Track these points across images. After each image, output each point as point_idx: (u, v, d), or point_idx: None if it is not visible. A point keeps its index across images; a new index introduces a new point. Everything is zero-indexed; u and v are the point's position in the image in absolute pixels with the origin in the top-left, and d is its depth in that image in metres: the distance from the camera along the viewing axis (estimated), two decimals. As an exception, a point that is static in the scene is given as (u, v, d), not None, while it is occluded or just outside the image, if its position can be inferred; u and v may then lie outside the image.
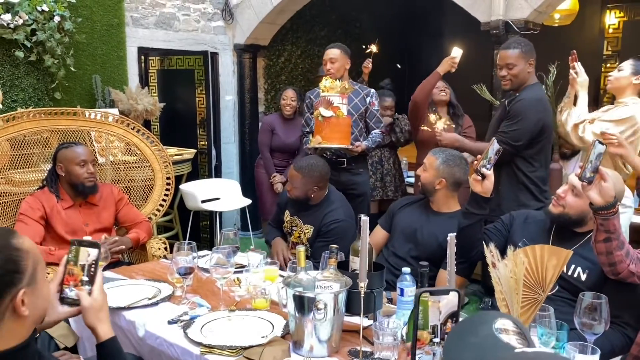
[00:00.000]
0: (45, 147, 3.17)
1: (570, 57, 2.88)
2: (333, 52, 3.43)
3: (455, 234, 1.49)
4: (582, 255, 1.87)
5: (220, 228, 4.97)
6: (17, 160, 3.18)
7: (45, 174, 2.90)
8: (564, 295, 1.91)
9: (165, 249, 2.96)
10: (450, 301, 1.31)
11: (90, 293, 1.32)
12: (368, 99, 3.44)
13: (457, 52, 3.34)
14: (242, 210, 4.93)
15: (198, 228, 4.96)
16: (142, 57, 4.89)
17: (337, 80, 3.27)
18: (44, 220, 2.68)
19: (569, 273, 1.92)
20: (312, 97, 3.54)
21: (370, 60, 4.11)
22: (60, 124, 3.15)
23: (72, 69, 4.00)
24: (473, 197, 2.12)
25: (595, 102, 4.21)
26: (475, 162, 2.08)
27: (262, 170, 4.47)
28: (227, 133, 5.53)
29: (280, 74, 6.01)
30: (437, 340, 1.38)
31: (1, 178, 3.19)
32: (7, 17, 3.59)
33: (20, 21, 3.66)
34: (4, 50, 3.71)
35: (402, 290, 1.83)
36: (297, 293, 1.60)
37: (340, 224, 2.68)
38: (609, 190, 1.63)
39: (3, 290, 1.02)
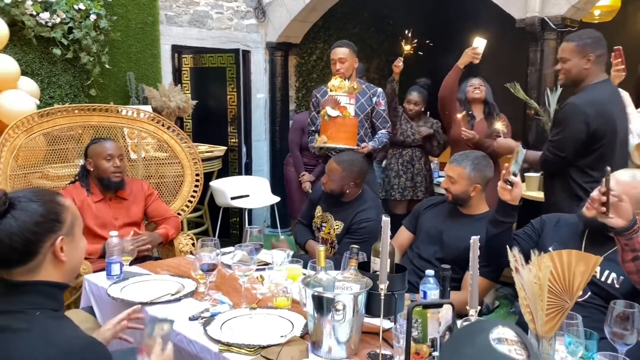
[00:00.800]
0: (79, 142, 3.25)
1: (613, 54, 2.72)
2: (342, 51, 3.36)
3: (478, 237, 1.44)
4: (617, 261, 1.79)
5: (250, 225, 5.01)
6: (52, 155, 3.27)
7: (78, 169, 2.97)
8: (597, 302, 1.83)
9: (193, 244, 2.98)
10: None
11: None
12: (374, 99, 3.37)
13: (478, 42, 3.24)
14: (272, 207, 4.94)
15: (228, 224, 5.00)
16: (176, 55, 4.96)
17: (346, 79, 3.21)
18: None
19: (602, 279, 1.84)
20: (318, 95, 3.51)
21: (402, 59, 4.03)
22: (92, 120, 3.22)
23: (107, 66, 4.09)
24: (501, 205, 2.05)
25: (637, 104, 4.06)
26: (504, 171, 2.00)
27: (291, 168, 4.47)
28: (258, 131, 5.55)
29: (311, 72, 6.00)
30: (436, 354, 1.34)
31: (37, 172, 3.28)
32: (46, 15, 3.69)
33: (58, 19, 3.76)
34: (42, 48, 3.81)
35: (425, 293, 1.79)
36: (315, 293, 1.58)
37: (370, 224, 2.65)
38: (627, 210, 1.59)
39: (45, 234, 1.19)
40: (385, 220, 1.59)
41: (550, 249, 1.95)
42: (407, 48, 4.17)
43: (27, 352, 1.12)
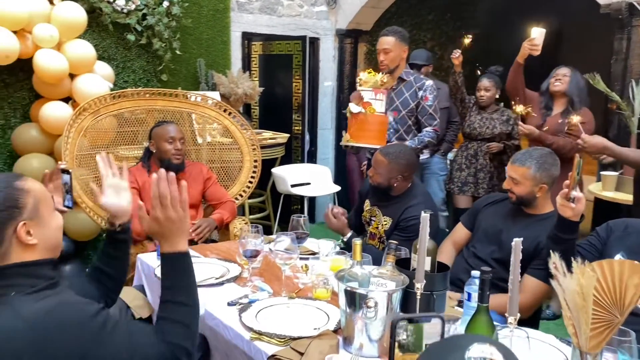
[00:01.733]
0: (144, 125, 3.37)
1: None
2: (387, 41, 3.09)
3: (521, 239, 1.33)
4: None
5: (312, 213, 5.02)
6: (123, 136, 3.42)
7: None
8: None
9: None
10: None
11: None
12: (421, 93, 3.12)
13: (536, 33, 2.98)
14: (334, 196, 4.92)
15: (289, 212, 5.04)
16: (246, 41, 5.02)
17: (382, 72, 2.98)
18: (137, 192, 2.85)
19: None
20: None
21: (459, 51, 3.82)
22: (157, 104, 3.32)
23: (178, 52, 4.20)
24: (563, 222, 1.88)
25: None
26: (566, 189, 1.83)
27: (353, 157, 4.43)
28: (325, 119, 5.53)
29: (382, 60, 5.88)
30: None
31: (108, 153, 3.44)
32: (121, 2, 3.84)
33: (133, 6, 3.90)
34: (118, 33, 3.98)
35: (469, 294, 1.70)
36: (348, 288, 1.53)
37: (419, 221, 2.54)
38: None
39: (4, 222, 1.18)
40: (425, 216, 1.51)
41: (616, 257, 1.78)
42: (466, 41, 3.97)
43: None
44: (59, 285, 1.24)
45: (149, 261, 2.29)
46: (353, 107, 2.93)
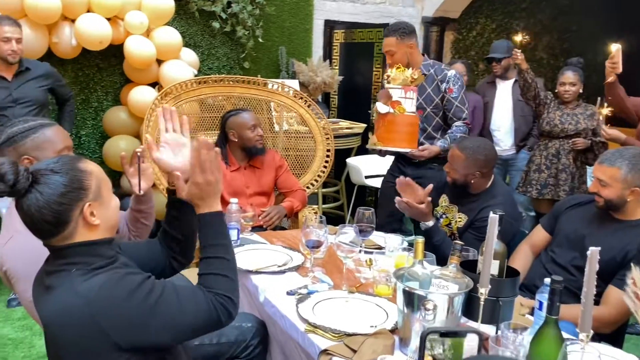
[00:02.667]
0: (222, 111, 3.43)
1: None
2: (388, 42, 2.86)
3: (599, 248, 1.20)
4: None
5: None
6: (203, 122, 3.51)
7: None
8: None
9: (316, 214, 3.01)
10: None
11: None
12: (444, 85, 2.87)
13: (614, 49, 2.72)
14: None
15: (363, 203, 4.98)
16: (328, 29, 4.99)
17: (408, 68, 2.74)
18: None
19: None
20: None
21: (519, 50, 3.52)
22: (235, 91, 3.37)
23: (260, 40, 4.26)
24: None
25: None
26: None
27: None
28: (406, 109, 5.39)
29: (469, 49, 5.64)
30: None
31: (191, 137, 3.56)
32: (208, -10, 3.95)
33: (219, -6, 3.99)
34: (204, 21, 4.09)
35: (540, 303, 1.57)
36: (406, 288, 1.46)
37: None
38: None
39: (72, 203, 1.22)
40: (493, 217, 1.41)
41: None
42: (517, 39, 3.67)
43: (56, 307, 1.20)
44: (117, 262, 1.29)
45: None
46: (380, 107, 2.70)
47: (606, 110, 2.85)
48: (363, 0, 5.07)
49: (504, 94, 4.11)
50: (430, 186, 2.43)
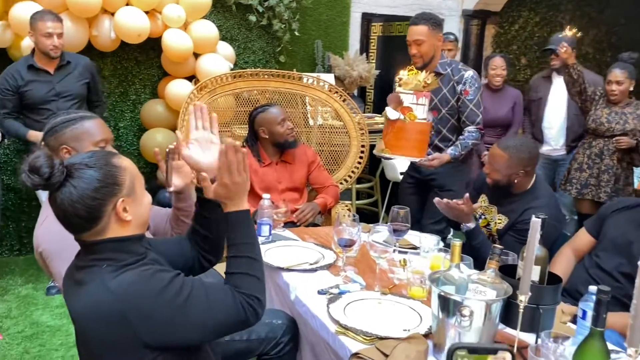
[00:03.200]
0: (256, 105, 3.42)
1: None
2: (418, 31, 2.68)
3: (652, 259, 1.12)
4: None
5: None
6: (238, 116, 3.51)
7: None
8: None
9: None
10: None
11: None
12: (460, 87, 2.72)
13: None
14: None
15: (398, 199, 4.90)
16: (365, 22, 4.91)
17: (423, 71, 2.58)
18: None
19: None
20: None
21: (566, 44, 3.34)
22: (270, 85, 3.35)
23: (296, 33, 4.23)
24: None
25: None
26: None
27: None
28: (444, 104, 5.28)
29: (511, 43, 5.47)
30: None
31: (227, 131, 3.57)
32: (245, -17, 3.93)
33: (255, -13, 3.97)
34: (240, 14, 4.08)
35: (584, 312, 1.50)
36: (442, 293, 1.40)
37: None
38: None
39: (105, 198, 1.21)
40: (536, 221, 1.34)
41: None
42: (568, 33, 3.48)
43: (86, 302, 1.20)
44: (146, 258, 1.28)
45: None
46: (390, 113, 2.57)
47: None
48: (402, -8, 4.98)
49: (559, 90, 3.89)
50: (466, 196, 2.35)
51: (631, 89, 3.43)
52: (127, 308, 1.16)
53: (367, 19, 4.91)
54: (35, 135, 2.99)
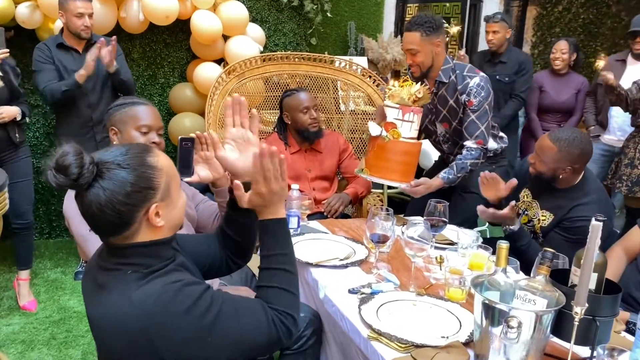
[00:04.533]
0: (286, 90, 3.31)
1: None
2: (410, 40, 2.37)
3: None
4: None
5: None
6: (268, 101, 3.41)
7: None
8: None
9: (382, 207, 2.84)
10: None
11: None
12: (463, 98, 2.41)
13: None
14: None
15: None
16: (400, 4, 4.73)
17: (417, 83, 2.30)
18: None
19: None
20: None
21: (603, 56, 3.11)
22: (300, 68, 3.22)
23: (328, 14, 4.07)
24: None
25: None
26: None
27: (526, 134, 3.98)
28: (480, 90, 5.07)
29: (554, 26, 5.19)
30: None
31: (255, 115, 3.47)
32: (276, -37, 3.79)
33: (287, -33, 3.83)
34: (271, -5, 3.95)
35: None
36: (486, 301, 1.28)
37: (589, 225, 2.10)
38: None
39: (137, 204, 1.10)
40: (596, 224, 1.19)
41: None
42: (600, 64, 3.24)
43: (108, 311, 1.10)
44: (174, 262, 1.17)
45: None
46: (372, 128, 2.28)
47: None
48: (439, -28, 4.77)
49: (633, 76, 3.52)
50: (514, 181, 2.19)
51: None
52: (150, 325, 1.06)
53: (403, 0, 4.72)
54: (83, 71, 2.86)
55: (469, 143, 2.43)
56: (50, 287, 3.19)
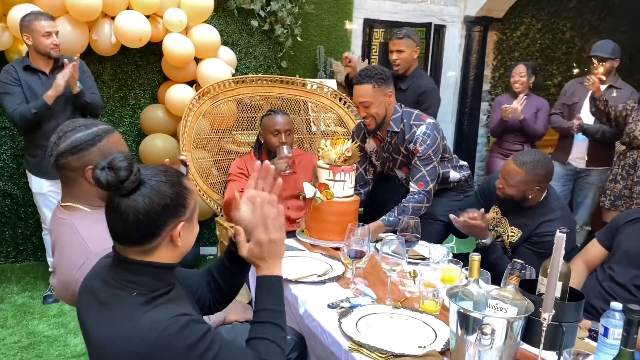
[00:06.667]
0: (259, 112, 3.38)
1: None
2: (361, 92, 2.41)
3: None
4: None
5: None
6: (240, 122, 3.46)
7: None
8: None
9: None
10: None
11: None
12: (411, 146, 2.49)
13: None
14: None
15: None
16: (367, 29, 4.87)
17: (350, 139, 2.35)
18: (245, 179, 2.86)
19: None
20: (354, 130, 2.81)
21: (592, 78, 3.32)
22: (273, 91, 3.30)
23: (299, 39, 4.17)
24: None
25: None
26: None
27: (497, 155, 4.10)
28: (445, 112, 5.24)
29: (513, 50, 5.45)
30: None
31: (228, 137, 3.52)
32: (247, -12, 3.88)
33: (258, -8, 3.92)
34: (242, 19, 4.03)
35: (606, 329, 1.44)
36: (461, 310, 1.35)
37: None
38: None
39: (169, 217, 1.15)
40: (560, 236, 1.28)
41: None
42: (600, 71, 3.45)
43: (111, 334, 1.11)
44: (174, 290, 1.21)
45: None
46: (307, 189, 2.29)
47: None
48: (404, -2, 4.95)
49: None
50: (482, 212, 2.30)
51: None
52: (148, 354, 1.08)
53: (370, 24, 4.87)
54: (52, 92, 2.87)
55: (412, 185, 2.51)
56: (18, 312, 3.13)
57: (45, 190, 3.13)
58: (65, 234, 1.52)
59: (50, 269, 3.34)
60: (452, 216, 2.30)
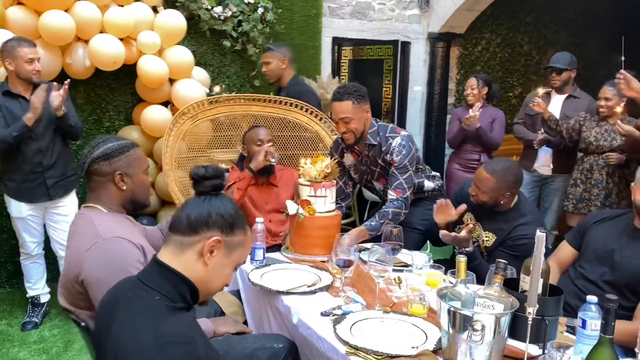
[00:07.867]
0: (238, 130, 3.44)
1: None
2: (341, 108, 2.51)
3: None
4: None
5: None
6: (218, 140, 3.51)
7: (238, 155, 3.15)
8: None
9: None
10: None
11: None
12: (388, 157, 2.62)
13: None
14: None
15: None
16: (336, 47, 5.01)
17: (330, 157, 2.49)
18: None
19: None
20: (332, 147, 2.91)
21: (538, 99, 3.57)
22: (251, 109, 3.37)
23: (270, 58, 4.26)
24: None
25: None
26: None
27: (455, 165, 4.22)
28: (413, 125, 5.40)
29: (475, 64, 5.67)
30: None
31: (204, 156, 3.56)
32: (219, 9, 3.96)
33: (229, 13, 4.00)
34: (214, 40, 4.10)
35: (584, 321, 1.55)
36: (452, 308, 1.44)
37: (530, 241, 2.31)
38: None
39: (213, 225, 1.27)
40: (541, 235, 1.39)
41: None
42: (539, 92, 3.74)
43: (130, 333, 1.16)
44: (191, 311, 1.28)
45: (243, 265, 2.30)
46: (289, 206, 2.38)
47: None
48: (370, 17, 5.11)
49: (557, 107, 3.94)
50: (463, 206, 2.42)
51: (621, 105, 3.44)
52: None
53: (338, 43, 5.01)
54: (31, 114, 2.87)
55: (390, 192, 2.62)
56: (-4, 341, 3.07)
57: (24, 214, 3.10)
58: (80, 225, 1.68)
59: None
60: (442, 232, 2.39)
